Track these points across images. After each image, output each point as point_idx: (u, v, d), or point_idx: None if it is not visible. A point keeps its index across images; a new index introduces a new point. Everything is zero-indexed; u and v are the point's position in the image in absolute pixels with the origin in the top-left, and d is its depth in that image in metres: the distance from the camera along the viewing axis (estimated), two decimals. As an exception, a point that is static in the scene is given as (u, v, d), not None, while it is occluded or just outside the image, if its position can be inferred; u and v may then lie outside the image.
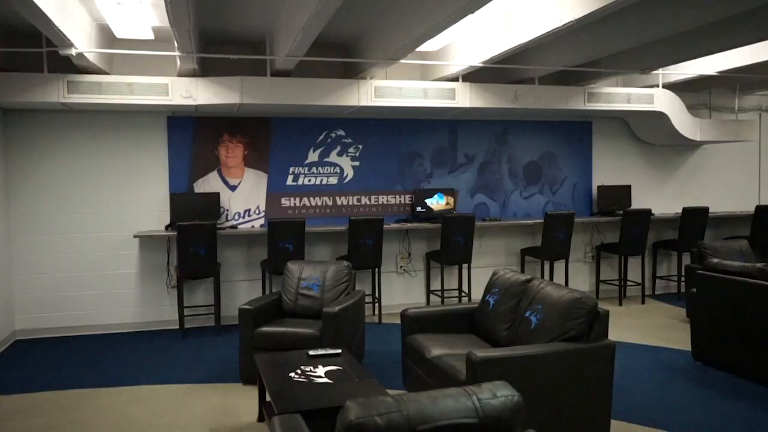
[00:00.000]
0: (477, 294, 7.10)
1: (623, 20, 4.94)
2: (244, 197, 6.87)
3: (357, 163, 7.20)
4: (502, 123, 7.67)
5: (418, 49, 5.50)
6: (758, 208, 7.90)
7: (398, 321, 4.51)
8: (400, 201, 7.36)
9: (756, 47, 5.98)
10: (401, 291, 7.34)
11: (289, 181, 7.01)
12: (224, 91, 5.91)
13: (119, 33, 5.70)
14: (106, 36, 5.79)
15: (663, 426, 3.87)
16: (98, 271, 6.45)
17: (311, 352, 3.85)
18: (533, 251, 7.35)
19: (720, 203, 8.48)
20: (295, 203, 7.03)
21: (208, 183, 6.75)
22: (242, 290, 6.81)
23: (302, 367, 3.57)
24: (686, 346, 5.41)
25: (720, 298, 4.91)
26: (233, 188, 6.84)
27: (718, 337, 4.93)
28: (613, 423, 3.60)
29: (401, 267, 7.33)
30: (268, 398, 3.59)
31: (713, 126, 7.79)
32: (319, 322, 4.63)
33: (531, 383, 3.29)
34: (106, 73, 5.91)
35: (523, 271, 7.43)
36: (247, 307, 4.65)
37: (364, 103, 6.26)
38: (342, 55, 6.39)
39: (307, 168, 7.05)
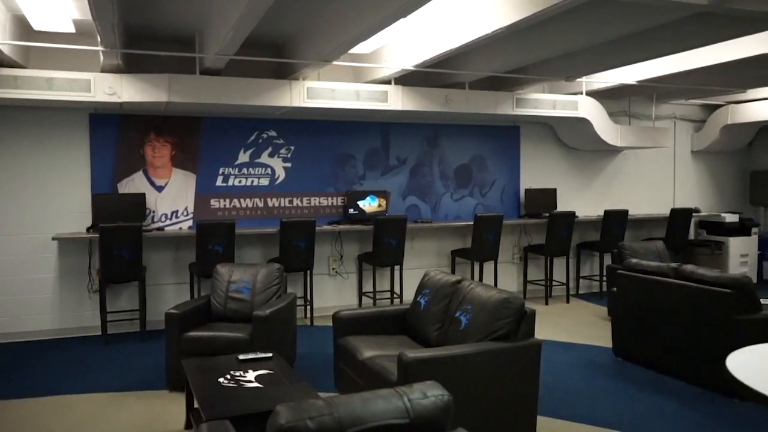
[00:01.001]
0: (409, 295, 7.16)
1: (550, 29, 5.11)
2: (171, 198, 6.67)
3: (289, 165, 7.13)
4: (433, 126, 7.78)
5: (351, 51, 5.50)
6: (673, 211, 8.34)
7: (330, 323, 4.49)
8: (332, 203, 7.33)
9: (670, 59, 6.30)
10: (333, 293, 7.31)
11: (219, 182, 6.86)
12: (151, 88, 5.72)
13: (37, 25, 5.42)
14: (23, 28, 5.50)
15: (585, 420, 4.02)
16: (14, 275, 6.11)
17: (241, 357, 3.78)
18: (463, 252, 7.49)
19: (638, 206, 8.89)
20: (224, 204, 6.89)
21: (134, 183, 6.51)
22: (169, 294, 6.61)
23: (232, 372, 3.50)
24: (608, 342, 5.63)
25: (638, 297, 5.15)
26: (160, 189, 6.64)
27: (637, 334, 5.16)
28: (539, 419, 3.71)
29: (333, 269, 7.31)
30: (196, 405, 3.50)
31: (632, 132, 8.16)
32: (250, 325, 4.55)
33: (461, 382, 3.35)
34: (23, 67, 5.61)
35: (453, 272, 7.56)
36: (174, 311, 4.51)
37: (296, 104, 6.21)
38: (274, 54, 6.31)
39: (237, 169, 6.92)
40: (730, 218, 8.83)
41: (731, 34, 4.91)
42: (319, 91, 6.29)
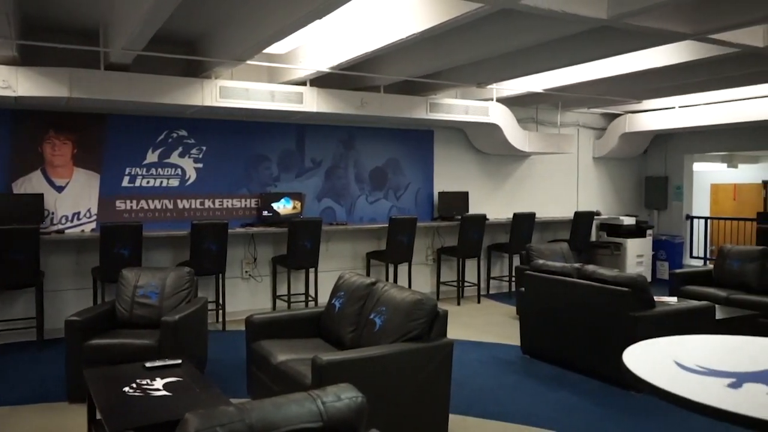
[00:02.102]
0: (323, 298, 7.08)
1: (463, 37, 5.24)
2: (72, 199, 6.33)
3: (200, 165, 6.94)
4: (349, 129, 7.80)
5: (266, 50, 5.42)
6: (576, 214, 8.77)
7: (243, 328, 4.40)
8: (245, 205, 7.20)
9: (574, 69, 6.62)
10: (246, 297, 7.17)
11: (125, 182, 6.57)
12: (50, 83, 5.40)
13: None
14: None
15: (495, 417, 4.15)
16: None
17: (148, 364, 3.63)
18: (378, 254, 7.54)
19: (545, 209, 9.27)
20: (131, 206, 6.61)
21: (30, 183, 6.13)
22: (70, 300, 6.25)
23: (138, 381, 3.35)
24: (516, 341, 5.84)
25: (544, 296, 5.38)
26: (60, 189, 6.28)
27: (543, 332, 5.39)
28: (451, 417, 3.79)
29: (246, 272, 7.17)
30: (98, 416, 3.33)
31: (539, 138, 8.52)
32: (158, 332, 4.38)
33: (375, 383, 3.36)
34: None
35: (368, 274, 7.60)
36: (74, 318, 4.28)
37: (208, 103, 6.04)
38: (186, 52, 6.11)
39: (145, 169, 6.66)
40: (628, 221, 9.39)
41: (629, 48, 5.23)
42: (233, 91, 6.15)
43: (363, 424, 1.97)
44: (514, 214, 8.14)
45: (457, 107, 7.52)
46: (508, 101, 8.13)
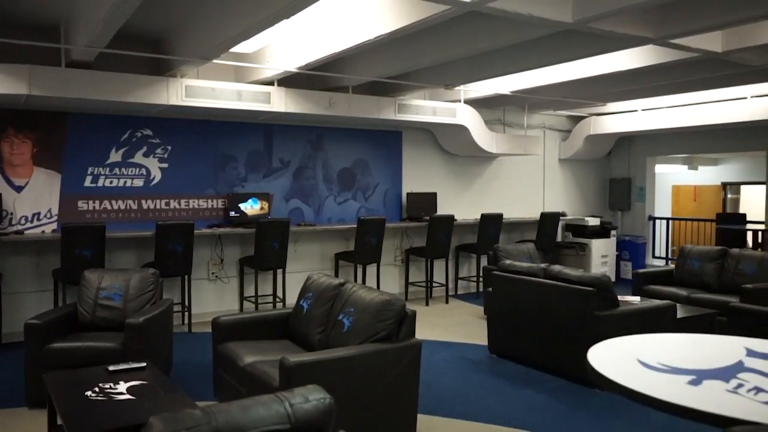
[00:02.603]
0: (291, 299, 7.05)
1: (431, 38, 5.27)
2: (32, 199, 6.17)
3: (165, 165, 6.83)
4: (317, 129, 7.77)
5: (233, 49, 5.37)
6: (543, 214, 8.88)
7: (210, 330, 4.34)
8: (212, 205, 7.11)
9: (540, 72, 6.71)
10: (213, 298, 7.09)
11: (88, 182, 6.43)
12: (8, 79, 5.24)
13: None
14: None
15: (463, 416, 4.18)
16: None
17: (111, 368, 3.56)
18: (347, 255, 7.53)
19: (512, 210, 9.37)
20: (94, 206, 6.47)
21: (-12, 182, 5.96)
22: (30, 303, 6.08)
23: (100, 385, 3.28)
24: (483, 340, 5.88)
25: (511, 296, 5.43)
26: (19, 189, 6.11)
27: (510, 331, 5.44)
28: (419, 417, 3.81)
29: (213, 273, 7.08)
30: (59, 421, 3.25)
31: (506, 140, 8.61)
32: (122, 334, 4.29)
33: (344, 384, 3.36)
34: None
35: (337, 275, 7.58)
36: (34, 321, 4.17)
37: (173, 102, 5.96)
38: (150, 49, 6.01)
39: (108, 169, 6.53)
40: (593, 222, 9.55)
41: (593, 51, 5.32)
42: (199, 90, 6.07)
43: (331, 426, 1.96)
44: (482, 215, 8.21)
45: (425, 108, 7.56)
46: (476, 103, 8.19)
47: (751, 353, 2.91)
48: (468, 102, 8.04)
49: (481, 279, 8.49)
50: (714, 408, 2.22)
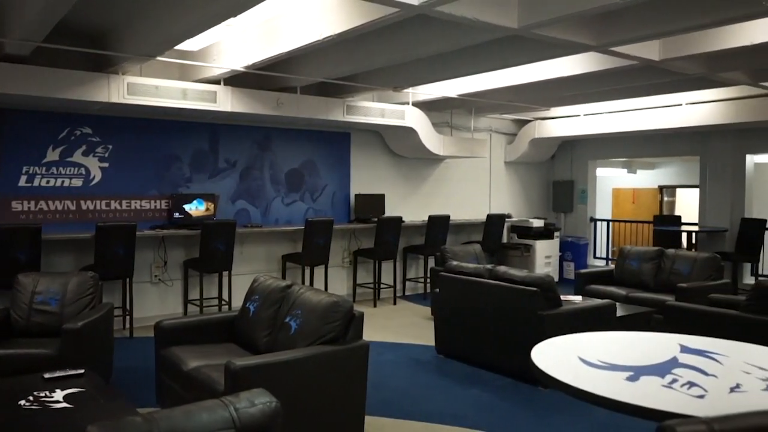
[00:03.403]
0: (237, 302, 6.94)
1: (379, 41, 5.28)
2: (-38, 199, 5.88)
3: (106, 165, 6.62)
4: (265, 129, 7.68)
5: (178, 47, 5.26)
6: (489, 216, 9.03)
7: (152, 334, 4.23)
8: (155, 206, 6.93)
9: (486, 76, 6.82)
10: (156, 302, 6.91)
11: (23, 182, 6.17)
12: (-64, 73, 4.99)
13: None
14: None
15: (410, 416, 4.20)
16: None
17: (47, 375, 3.42)
18: (294, 257, 7.47)
19: (459, 211, 9.48)
20: (29, 207, 6.21)
21: None
22: (-41, 308, 5.79)
23: (35, 393, 3.15)
24: (431, 341, 5.93)
25: (458, 296, 5.50)
26: (-52, 188, 5.82)
27: (457, 332, 5.51)
28: (367, 418, 3.81)
29: (156, 276, 6.90)
30: (-10, 432, 3.10)
31: (454, 143, 8.72)
32: (58, 340, 4.14)
33: (291, 387, 3.33)
34: None
35: (284, 277, 7.51)
36: (-36, 327, 3.98)
37: (115, 100, 5.78)
38: (91, 45, 5.80)
39: (45, 168, 6.28)
40: (537, 223, 9.76)
41: (537, 57, 5.45)
42: (141, 88, 5.91)
43: (277, 429, 1.94)
44: (430, 217, 8.29)
45: (374, 110, 7.58)
46: (424, 105, 8.26)
47: (684, 349, 3.03)
48: (416, 104, 8.10)
49: (428, 280, 8.56)
50: (650, 403, 2.30)
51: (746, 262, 8.72)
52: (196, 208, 6.98)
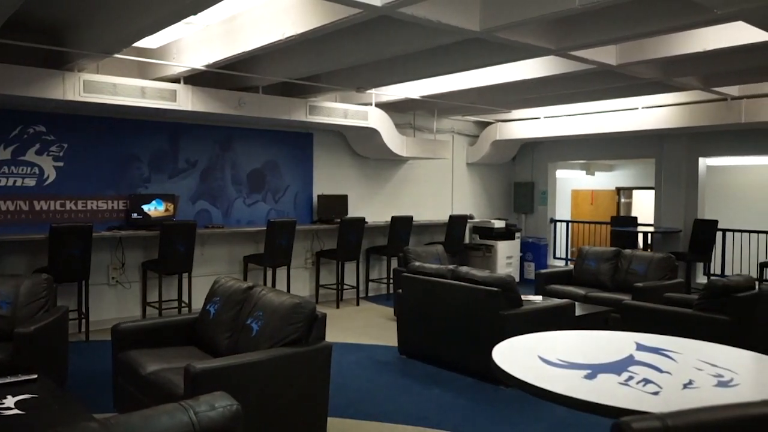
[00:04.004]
0: (198, 304, 6.84)
1: (343, 41, 5.27)
2: None
3: (61, 164, 6.45)
4: (226, 129, 7.59)
5: (136, 44, 5.15)
6: (451, 217, 9.10)
7: (109, 337, 4.13)
8: (113, 207, 6.78)
9: (449, 78, 6.88)
10: (113, 304, 6.75)
11: (-28, 181, 5.97)
12: None
13: None
14: None
15: (373, 417, 4.21)
16: None
17: (-2, 381, 3.31)
18: (256, 258, 7.40)
19: (422, 212, 9.54)
20: (-21, 207, 6.01)
21: None
22: None
23: (-15, 400, 3.05)
24: (394, 342, 5.94)
25: (420, 297, 5.53)
26: None
27: (419, 332, 5.53)
28: (330, 420, 3.80)
29: (113, 278, 6.75)
30: (-63, 441, 2.99)
31: (417, 144, 8.76)
32: (10, 344, 4.01)
33: (252, 390, 3.29)
34: None
35: (246, 278, 7.43)
36: None
37: (70, 97, 5.64)
38: (46, 41, 5.63)
39: (-4, 167, 6.09)
40: (498, 224, 9.88)
41: (499, 60, 5.51)
42: (98, 86, 5.78)
43: (238, 433, 1.92)
44: (392, 218, 8.31)
45: (337, 111, 7.56)
46: (387, 107, 8.28)
47: (640, 347, 3.11)
48: (379, 105, 8.11)
49: (391, 281, 8.58)
50: (607, 400, 2.35)
51: (699, 262, 8.99)
52: (155, 209, 6.85)
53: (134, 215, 6.72)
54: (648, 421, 1.51)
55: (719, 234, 9.01)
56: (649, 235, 9.56)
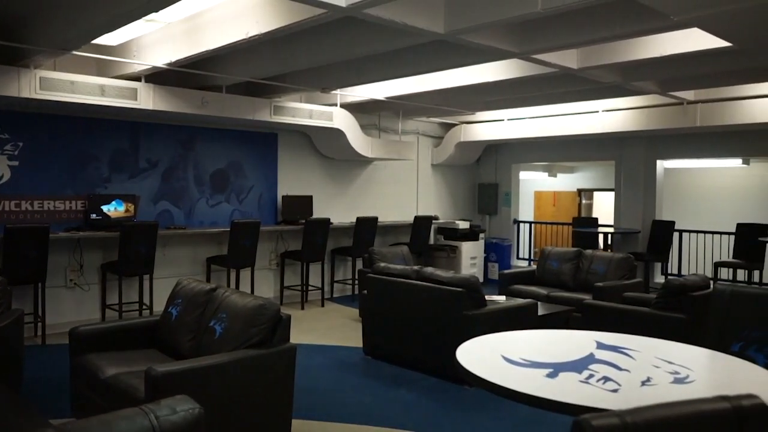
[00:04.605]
0: (160, 306, 6.72)
1: (308, 41, 5.25)
2: None
3: (16, 163, 6.26)
4: (189, 129, 7.47)
5: (96, 41, 5.04)
6: (416, 218, 9.14)
7: (67, 341, 4.03)
8: (71, 207, 6.61)
9: (414, 80, 6.92)
10: (71, 307, 6.59)
11: None
12: None
13: None
14: None
15: (337, 419, 4.19)
16: None
17: (-51, 387, 3.21)
18: (219, 259, 7.31)
19: (387, 213, 9.56)
20: (-71, 208, 5.80)
21: None
22: None
23: (-65, 407, 2.95)
24: (359, 343, 5.94)
25: (385, 298, 5.54)
26: None
27: (384, 333, 5.54)
28: (294, 422, 3.77)
29: (71, 280, 6.59)
30: None
31: (382, 145, 8.77)
32: (-38, 349, 3.88)
33: (215, 393, 3.25)
34: None
35: (209, 280, 7.33)
36: None
37: (25, 95, 5.47)
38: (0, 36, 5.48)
39: (-53, 166, 5.88)
40: (463, 225, 9.96)
41: (463, 62, 5.56)
42: (55, 83, 5.63)
43: (200, 437, 1.89)
44: (358, 219, 8.30)
45: (302, 111, 7.52)
46: (352, 107, 8.27)
47: (600, 346, 3.17)
48: (344, 106, 8.09)
49: (356, 282, 8.57)
50: (568, 398, 2.39)
51: (657, 262, 9.22)
52: (115, 209, 6.71)
53: (93, 216, 6.56)
54: (607, 418, 1.54)
55: (676, 234, 9.26)
56: (609, 235, 9.76)
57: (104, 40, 5.50)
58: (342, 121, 7.99)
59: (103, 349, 3.96)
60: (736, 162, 10.24)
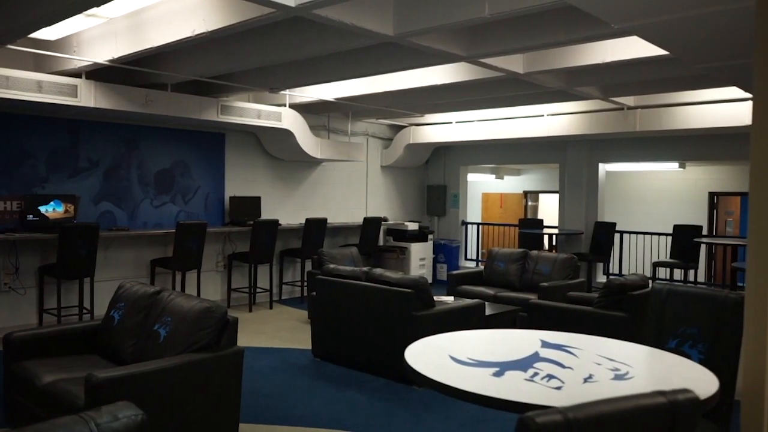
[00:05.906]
0: (101, 310, 6.52)
1: (256, 40, 5.18)
2: None
3: (-54, 161, 5.97)
4: (132, 127, 7.27)
5: (33, 35, 4.85)
6: (365, 219, 9.14)
7: (1, 347, 3.87)
8: (5, 208, 6.33)
9: (363, 81, 6.93)
10: (6, 312, 6.31)
11: None
12: None
13: None
14: None
15: (286, 421, 4.16)
16: None
17: None
18: (164, 262, 7.14)
19: (336, 215, 9.54)
20: None
21: None
22: None
23: None
24: (308, 345, 5.90)
25: (335, 299, 5.52)
26: None
27: (334, 334, 5.52)
28: (242, 426, 3.72)
29: (6, 284, 6.31)
30: None
31: (331, 146, 8.74)
32: None
33: (160, 398, 3.18)
34: None
35: (153, 282, 7.14)
36: None
37: (-43, 89, 5.23)
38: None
39: None
40: (412, 226, 10.02)
41: (412, 65, 5.60)
42: (-10, 78, 5.39)
43: (143, 444, 1.84)
44: (307, 220, 8.25)
45: (250, 111, 7.42)
46: (301, 108, 8.22)
47: (545, 344, 3.24)
48: (293, 107, 8.03)
49: (305, 283, 8.51)
50: (513, 396, 2.43)
51: (599, 262, 9.50)
52: (53, 210, 6.47)
53: (30, 217, 6.31)
54: (551, 415, 1.58)
55: (617, 235, 9.56)
56: (554, 236, 10.00)
57: (42, 34, 5.30)
58: (291, 121, 7.92)
59: (40, 355, 3.81)
60: (673, 166, 10.66)
